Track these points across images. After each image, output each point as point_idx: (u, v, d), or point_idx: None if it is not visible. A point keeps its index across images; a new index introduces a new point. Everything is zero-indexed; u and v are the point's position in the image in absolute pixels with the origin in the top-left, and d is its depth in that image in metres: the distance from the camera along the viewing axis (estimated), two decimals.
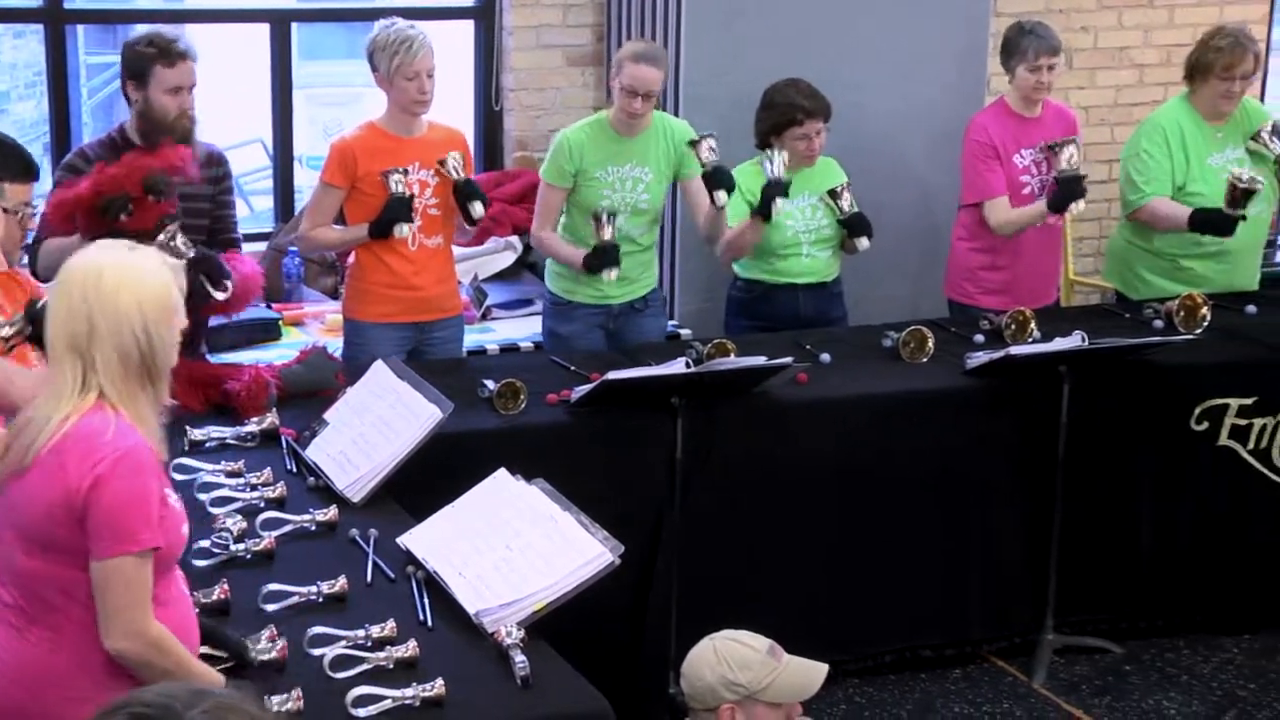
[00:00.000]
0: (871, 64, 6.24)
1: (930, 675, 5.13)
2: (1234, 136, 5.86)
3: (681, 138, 5.45)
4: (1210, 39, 5.81)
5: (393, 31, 5.08)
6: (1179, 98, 5.92)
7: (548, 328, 5.63)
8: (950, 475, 5.03)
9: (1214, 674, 5.17)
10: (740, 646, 3.29)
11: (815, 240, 5.64)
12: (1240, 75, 5.73)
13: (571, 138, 5.41)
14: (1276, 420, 5.30)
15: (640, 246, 5.48)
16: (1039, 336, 5.24)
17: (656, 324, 5.60)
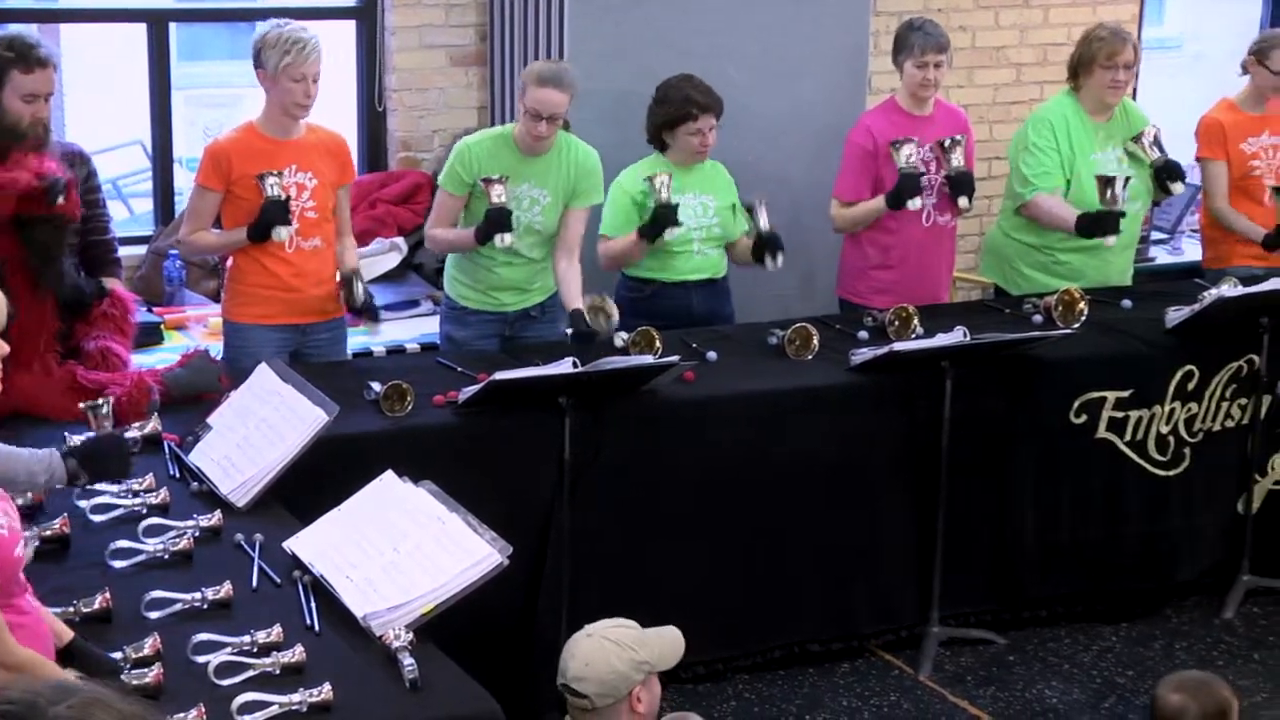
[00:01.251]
0: (755, 64, 6.28)
1: (818, 670, 5.18)
2: (1116, 135, 5.96)
3: (585, 163, 5.43)
4: (1091, 33, 5.94)
5: (285, 31, 5.03)
6: (1064, 93, 6.03)
7: (444, 332, 5.62)
8: (836, 471, 5.08)
9: (1094, 662, 5.27)
10: (626, 630, 3.35)
11: (706, 238, 5.67)
12: (1123, 64, 5.84)
13: (474, 147, 5.38)
14: (1152, 412, 5.41)
15: (533, 260, 5.47)
16: (922, 333, 5.30)
17: (553, 330, 5.60)
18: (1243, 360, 5.48)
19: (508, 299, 5.46)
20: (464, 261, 5.48)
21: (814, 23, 6.37)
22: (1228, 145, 6.24)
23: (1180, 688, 3.43)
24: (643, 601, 4.70)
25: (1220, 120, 6.26)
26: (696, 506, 4.94)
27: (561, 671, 3.36)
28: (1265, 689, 5.09)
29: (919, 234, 5.88)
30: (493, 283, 5.44)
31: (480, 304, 5.47)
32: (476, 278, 5.46)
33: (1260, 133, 6.25)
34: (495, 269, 5.42)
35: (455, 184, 5.38)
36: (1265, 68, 6.20)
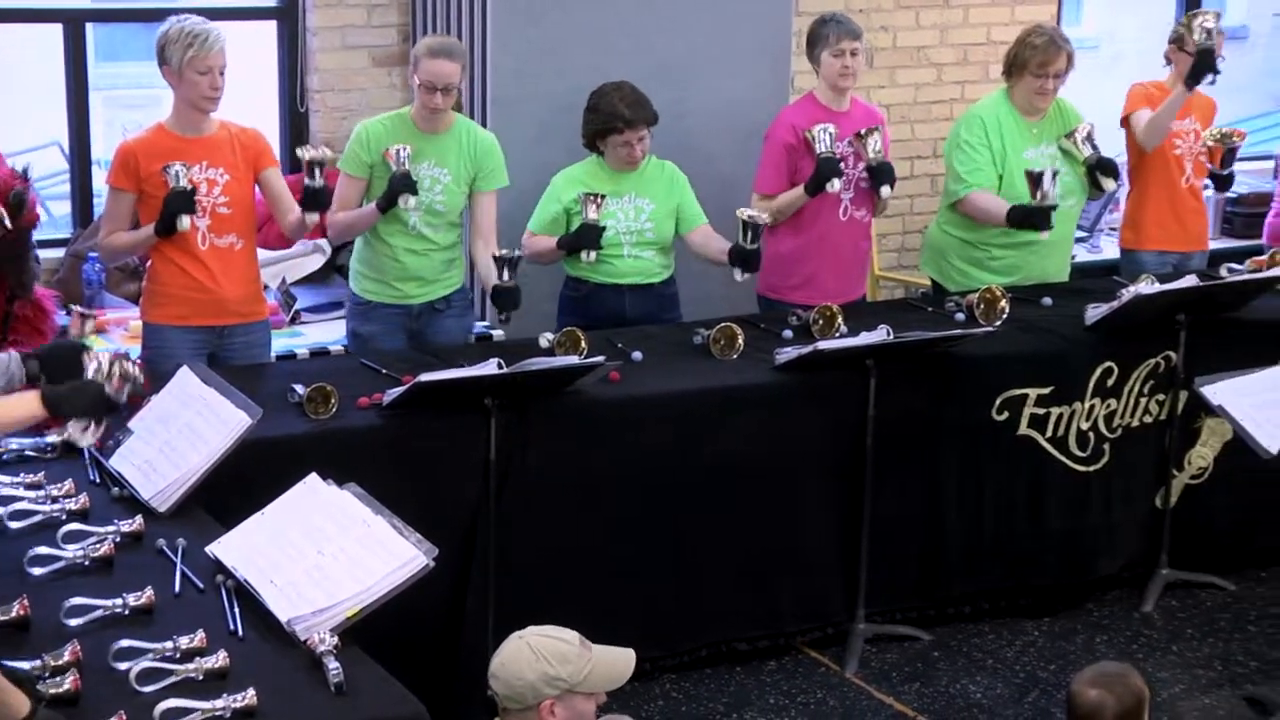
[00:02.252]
0: (681, 63, 6.29)
1: (745, 668, 5.20)
2: (1049, 133, 6.02)
3: (485, 147, 5.46)
4: (1027, 36, 5.98)
5: (186, 25, 5.00)
6: (999, 91, 6.08)
7: (350, 328, 5.62)
8: (761, 470, 5.10)
9: (1017, 657, 5.32)
10: (555, 641, 3.30)
11: (637, 242, 5.68)
12: (1054, 73, 5.91)
13: (371, 129, 5.41)
14: (1073, 409, 5.46)
15: (437, 246, 5.46)
16: (846, 331, 5.33)
17: (460, 324, 5.60)
18: (1160, 356, 5.55)
19: (412, 290, 5.45)
20: (367, 253, 5.48)
21: (738, 23, 6.39)
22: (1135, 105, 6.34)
23: (1096, 682, 3.47)
24: (570, 602, 4.71)
25: (1148, 90, 6.36)
26: (622, 506, 4.94)
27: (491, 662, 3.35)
28: (1183, 680, 5.16)
29: (836, 229, 5.92)
30: (396, 273, 5.43)
31: (384, 296, 5.46)
32: (380, 268, 5.45)
33: (1184, 117, 6.35)
34: (399, 257, 5.42)
35: (355, 166, 5.39)
36: (1186, 54, 6.30)
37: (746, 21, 6.41)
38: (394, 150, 5.26)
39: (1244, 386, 4.77)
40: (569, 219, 5.62)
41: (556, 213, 5.63)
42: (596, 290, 5.66)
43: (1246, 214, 7.48)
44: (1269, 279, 5.72)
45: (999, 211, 5.85)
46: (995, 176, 5.93)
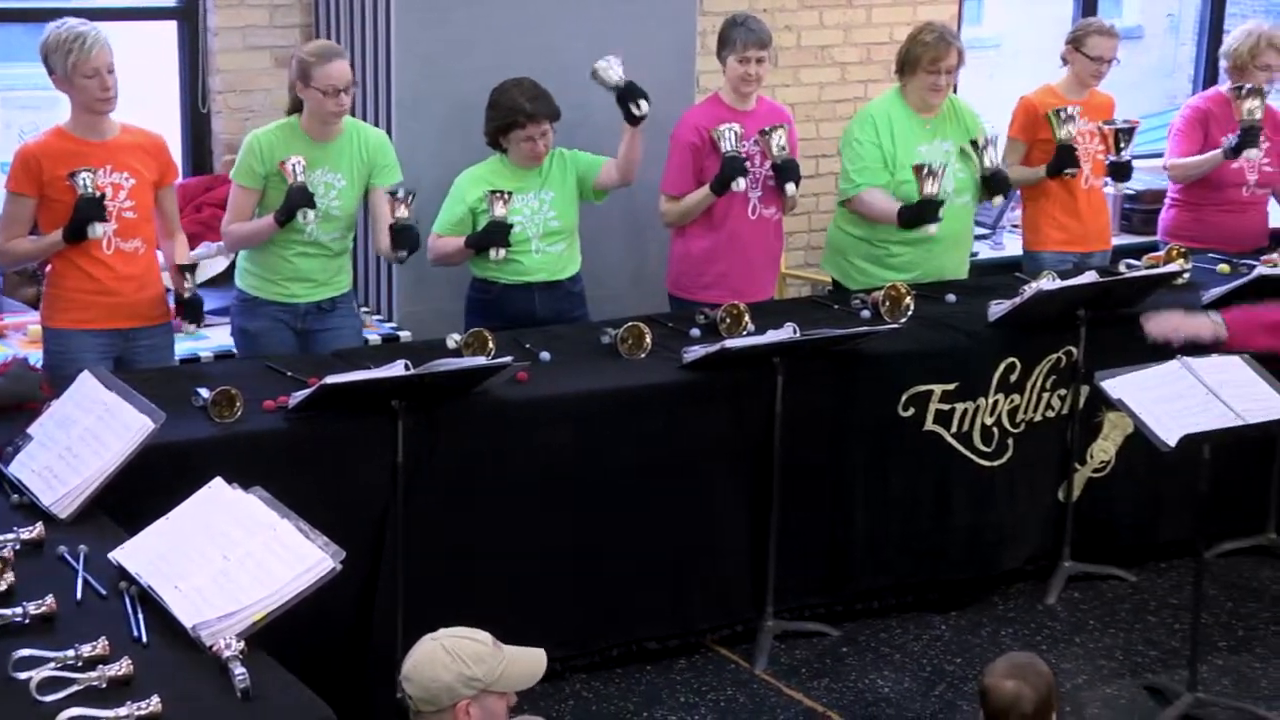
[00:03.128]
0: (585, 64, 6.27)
1: (656, 667, 5.21)
2: (942, 130, 6.08)
3: (375, 142, 5.44)
4: (917, 34, 6.04)
5: (64, 30, 4.94)
6: (893, 90, 6.13)
7: (236, 325, 5.57)
8: (670, 468, 5.11)
9: (924, 651, 5.37)
10: (469, 642, 3.30)
11: (544, 234, 5.68)
12: (945, 69, 5.96)
13: (263, 139, 5.35)
14: (977, 404, 5.53)
15: (331, 251, 5.44)
16: (753, 330, 5.36)
17: (348, 324, 5.57)
18: (1061, 352, 5.63)
19: (299, 290, 5.42)
20: (259, 253, 5.44)
21: (642, 21, 6.41)
22: (1038, 129, 6.40)
23: (1010, 673, 3.51)
24: (480, 603, 4.70)
25: (1036, 103, 6.43)
26: (531, 507, 4.94)
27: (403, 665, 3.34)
28: (1085, 671, 5.24)
29: (745, 228, 5.95)
30: (287, 273, 5.40)
31: (271, 295, 5.43)
32: (271, 267, 5.41)
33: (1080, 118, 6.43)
34: (292, 259, 5.38)
35: (248, 177, 5.35)
36: (1083, 54, 6.39)
37: (651, 21, 6.42)
38: (290, 164, 5.22)
39: (1143, 380, 4.84)
40: (475, 218, 5.61)
41: (462, 213, 5.62)
42: (505, 291, 5.66)
43: (1144, 211, 7.60)
44: (1166, 274, 5.82)
45: (889, 210, 5.91)
46: (885, 175, 5.98)
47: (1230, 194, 6.62)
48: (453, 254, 5.64)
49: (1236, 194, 6.63)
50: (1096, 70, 6.40)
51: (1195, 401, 4.77)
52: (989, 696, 3.51)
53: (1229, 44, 6.63)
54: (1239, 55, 6.52)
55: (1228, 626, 5.51)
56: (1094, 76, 6.42)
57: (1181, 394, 4.79)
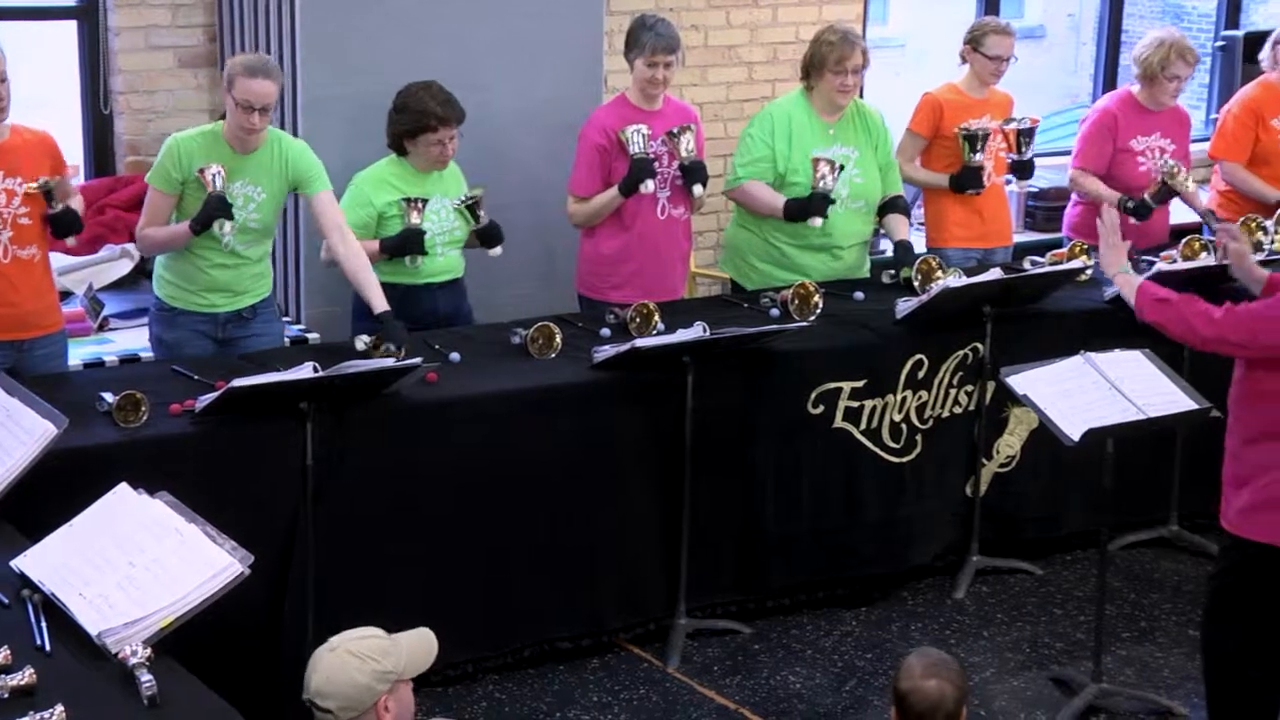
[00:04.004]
0: (492, 64, 6.28)
1: (568, 666, 5.21)
2: (845, 134, 6.11)
3: (298, 155, 5.37)
4: (821, 36, 6.06)
5: None
6: (798, 92, 6.15)
7: (154, 334, 5.50)
8: (581, 467, 5.11)
9: (835, 647, 5.41)
10: (369, 640, 3.30)
11: (448, 241, 5.69)
12: (851, 69, 6.00)
13: (183, 144, 5.27)
14: (885, 401, 5.57)
15: (249, 261, 5.39)
16: (663, 329, 5.37)
17: (269, 330, 5.52)
18: (968, 348, 5.69)
19: (219, 300, 5.37)
20: (175, 261, 5.37)
21: (549, 21, 6.40)
22: (940, 124, 6.47)
23: (930, 673, 3.50)
24: (392, 606, 4.68)
25: (939, 100, 6.49)
26: (443, 508, 4.92)
27: (305, 686, 3.30)
28: (994, 664, 5.30)
29: (654, 227, 5.97)
30: (204, 283, 5.34)
31: (189, 305, 5.36)
32: (188, 277, 5.35)
33: (981, 116, 6.50)
34: (208, 270, 5.32)
35: (165, 182, 5.27)
36: (981, 54, 6.46)
37: (558, 21, 6.42)
38: (209, 175, 5.15)
39: (1047, 376, 4.90)
40: (379, 222, 5.59)
41: (368, 217, 5.58)
42: (409, 291, 5.64)
43: (1048, 208, 7.71)
44: (1069, 271, 5.89)
45: (773, 203, 5.95)
46: (770, 173, 6.01)
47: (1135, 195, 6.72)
48: None
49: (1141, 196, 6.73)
50: (995, 69, 6.47)
51: (1098, 396, 4.84)
52: (912, 698, 3.48)
53: (1139, 52, 6.71)
54: (1149, 65, 6.60)
55: (1131, 617, 5.60)
56: (993, 75, 6.50)
57: (1085, 389, 4.85)
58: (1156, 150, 6.65)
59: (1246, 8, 9.38)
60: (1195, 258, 6.14)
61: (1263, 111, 6.92)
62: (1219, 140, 7.03)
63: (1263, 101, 6.95)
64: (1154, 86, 6.61)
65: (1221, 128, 7.04)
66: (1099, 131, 6.68)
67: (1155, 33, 6.71)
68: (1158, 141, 6.67)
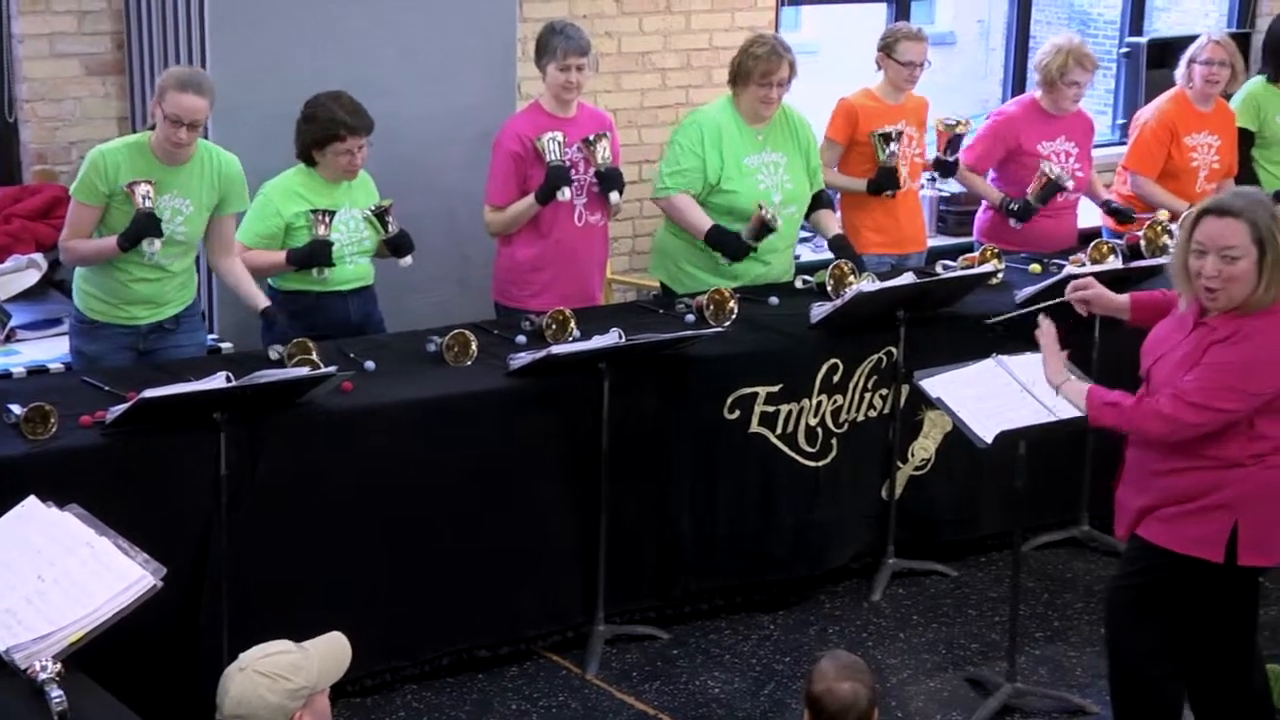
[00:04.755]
0: (405, 73, 6.26)
1: (487, 675, 5.20)
2: (773, 140, 6.14)
3: (228, 171, 5.33)
4: (750, 46, 6.07)
5: None
6: (725, 99, 6.17)
7: (74, 346, 5.44)
8: (498, 475, 5.11)
9: (753, 651, 5.43)
10: (280, 656, 3.27)
11: (358, 251, 5.67)
12: (776, 82, 6.02)
13: (108, 157, 5.19)
14: (801, 405, 5.60)
15: (173, 274, 5.34)
16: (579, 335, 5.37)
17: (192, 340, 5.47)
18: (882, 352, 5.73)
19: (140, 312, 5.32)
20: (96, 274, 5.31)
21: (461, 29, 6.39)
22: (855, 130, 6.51)
23: (843, 675, 3.53)
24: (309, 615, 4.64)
25: (855, 105, 6.54)
26: (359, 517, 4.90)
27: (219, 707, 3.26)
28: (910, 666, 5.34)
29: (571, 234, 5.97)
30: (127, 296, 5.29)
31: (110, 317, 5.31)
32: (110, 291, 5.29)
33: (896, 121, 6.55)
34: (131, 284, 5.27)
35: (90, 195, 5.20)
36: (894, 60, 6.51)
37: (470, 28, 6.41)
38: (138, 192, 5.10)
39: (960, 379, 4.94)
40: (287, 233, 5.56)
41: (275, 228, 5.56)
42: (320, 299, 5.61)
43: (959, 212, 7.78)
44: (981, 274, 5.95)
45: (698, 224, 5.97)
46: (698, 184, 6.03)
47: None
48: (267, 268, 5.58)
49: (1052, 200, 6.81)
50: (909, 74, 6.53)
51: (1010, 399, 4.88)
52: (825, 701, 3.51)
53: (1039, 59, 6.80)
54: (1048, 71, 6.69)
55: (1044, 617, 5.66)
56: (907, 80, 6.56)
57: (997, 391, 4.89)
58: (1061, 154, 6.74)
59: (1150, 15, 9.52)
60: (1104, 260, 6.22)
61: (1177, 128, 7.03)
62: (1134, 152, 7.12)
63: (1177, 118, 7.05)
64: (1055, 92, 6.71)
65: (1138, 141, 7.11)
66: (994, 133, 6.79)
67: (1054, 40, 6.80)
68: (1062, 145, 6.77)
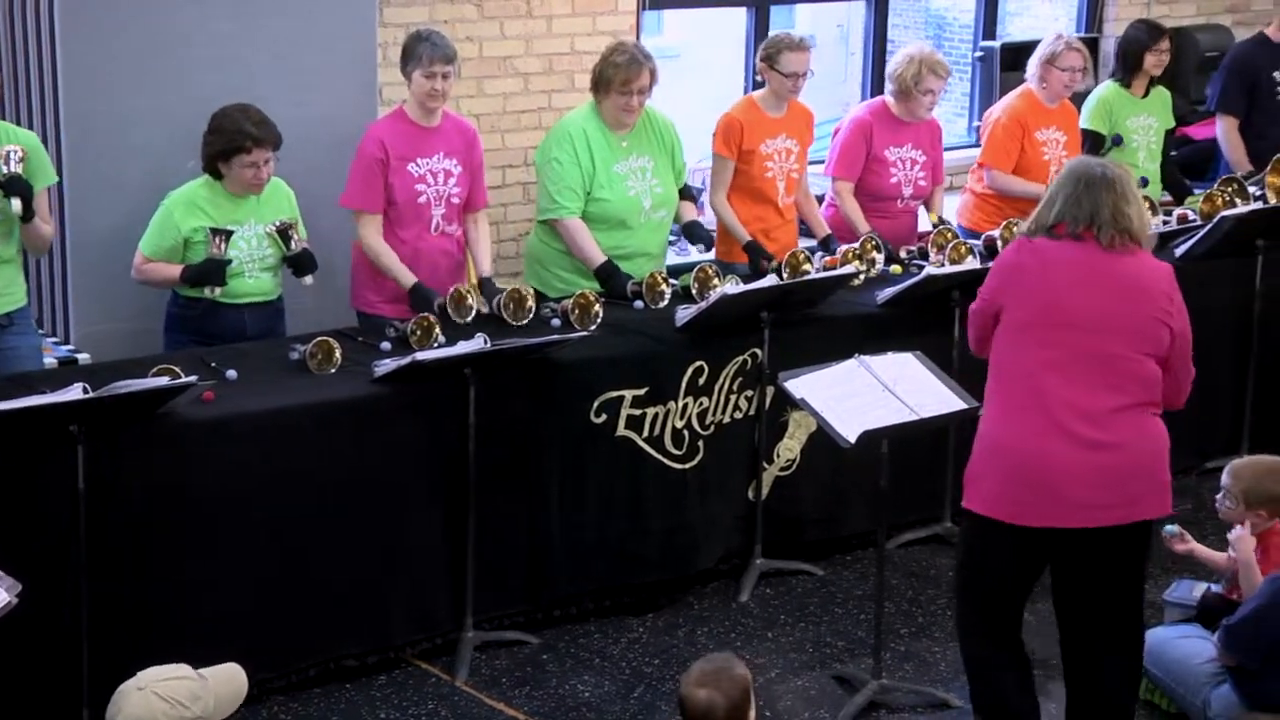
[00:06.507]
0: (264, 79, 6.17)
1: (355, 684, 5.15)
2: (638, 144, 6.16)
3: (28, 143, 5.24)
4: (610, 55, 6.07)
5: None
6: (588, 105, 6.17)
7: None
8: (365, 483, 5.07)
9: (623, 654, 5.44)
10: (180, 681, 3.23)
11: (261, 267, 5.65)
12: (637, 90, 6.04)
13: None
14: (667, 408, 5.63)
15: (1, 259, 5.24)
16: (444, 341, 5.35)
17: (25, 343, 5.37)
18: (747, 354, 5.77)
19: None
20: None
21: (321, 35, 6.32)
22: (742, 144, 6.55)
23: (703, 681, 3.58)
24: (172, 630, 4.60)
25: (739, 119, 6.57)
26: (224, 528, 4.84)
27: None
28: (778, 665, 5.38)
29: (429, 244, 5.95)
30: None
31: None
32: None
33: (778, 135, 6.60)
34: None
35: None
36: (777, 71, 6.54)
37: (329, 33, 6.33)
38: None
39: (823, 380, 4.99)
40: (187, 247, 5.49)
41: (174, 241, 5.51)
42: (215, 307, 5.55)
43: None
44: (842, 276, 6.02)
45: (590, 255, 5.99)
46: (582, 199, 6.04)
47: (887, 205, 6.92)
48: (163, 281, 5.56)
49: (892, 205, 6.94)
50: (793, 85, 6.56)
51: (873, 398, 4.95)
52: (685, 705, 3.58)
53: (892, 67, 6.89)
54: (903, 80, 6.79)
55: (909, 614, 5.74)
56: (790, 91, 6.58)
57: (859, 391, 4.96)
58: (907, 162, 6.85)
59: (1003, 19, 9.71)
60: (962, 261, 6.32)
61: (1028, 123, 7.16)
62: (988, 148, 7.23)
63: (1027, 113, 7.18)
64: (909, 100, 6.81)
65: (991, 137, 7.23)
66: (856, 140, 6.86)
67: (907, 49, 6.90)
68: (909, 153, 6.89)
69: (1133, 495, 4.37)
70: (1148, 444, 4.40)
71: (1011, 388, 4.41)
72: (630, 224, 6.13)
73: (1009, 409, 4.41)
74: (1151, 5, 9.34)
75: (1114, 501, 4.35)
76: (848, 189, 6.86)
